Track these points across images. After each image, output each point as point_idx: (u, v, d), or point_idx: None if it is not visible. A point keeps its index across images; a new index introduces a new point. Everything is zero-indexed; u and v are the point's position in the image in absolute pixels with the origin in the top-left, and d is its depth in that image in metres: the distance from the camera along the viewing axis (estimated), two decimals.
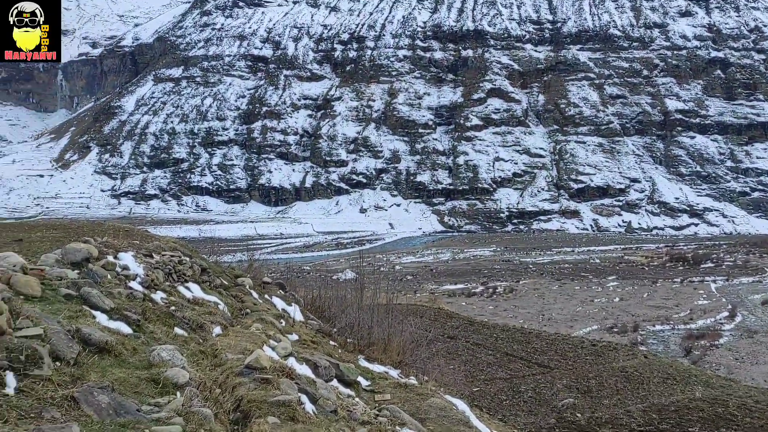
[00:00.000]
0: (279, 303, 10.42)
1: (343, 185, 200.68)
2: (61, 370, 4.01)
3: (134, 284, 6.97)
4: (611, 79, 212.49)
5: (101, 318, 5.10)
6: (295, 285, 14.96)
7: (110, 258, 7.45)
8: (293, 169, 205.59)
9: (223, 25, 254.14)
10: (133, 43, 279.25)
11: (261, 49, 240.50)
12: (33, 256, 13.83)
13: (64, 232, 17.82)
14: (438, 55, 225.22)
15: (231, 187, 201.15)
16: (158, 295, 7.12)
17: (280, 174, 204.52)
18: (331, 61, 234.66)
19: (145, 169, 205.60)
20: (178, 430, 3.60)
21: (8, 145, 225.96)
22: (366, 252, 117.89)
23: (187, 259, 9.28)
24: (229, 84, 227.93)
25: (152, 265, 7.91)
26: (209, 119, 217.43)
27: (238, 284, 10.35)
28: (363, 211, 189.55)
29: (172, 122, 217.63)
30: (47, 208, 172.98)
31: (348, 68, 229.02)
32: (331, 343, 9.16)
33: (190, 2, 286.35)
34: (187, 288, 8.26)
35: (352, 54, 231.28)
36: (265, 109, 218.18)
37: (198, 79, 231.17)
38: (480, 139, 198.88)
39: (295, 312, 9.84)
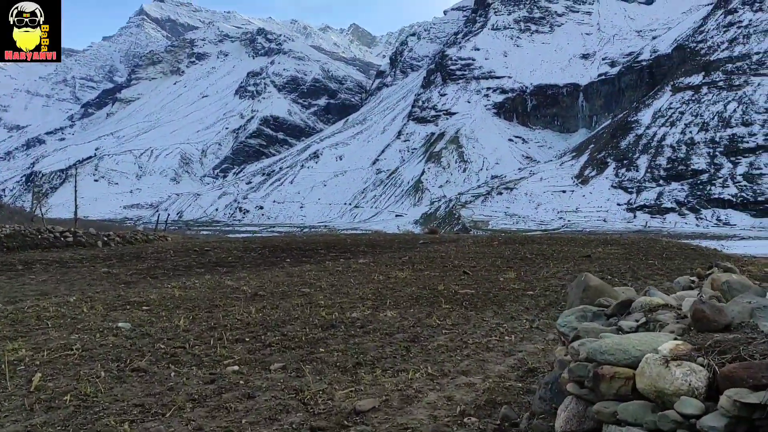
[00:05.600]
0: None
1: None
2: None
3: None
4: None
5: None
6: None
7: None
8: None
9: (750, 21, 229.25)
10: (650, 56, 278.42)
11: None
12: (612, 276, 14.15)
13: (623, 249, 18.46)
14: None
15: (759, 199, 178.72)
16: None
17: None
18: None
19: (661, 182, 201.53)
20: None
21: (536, 164, 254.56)
22: None
23: None
24: (758, 85, 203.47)
25: None
26: (732, 125, 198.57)
27: None
28: None
29: (690, 132, 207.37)
30: (568, 221, 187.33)
31: None
32: None
33: (712, 3, 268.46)
34: None
35: None
36: None
37: (720, 83, 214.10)
38: None
39: None
